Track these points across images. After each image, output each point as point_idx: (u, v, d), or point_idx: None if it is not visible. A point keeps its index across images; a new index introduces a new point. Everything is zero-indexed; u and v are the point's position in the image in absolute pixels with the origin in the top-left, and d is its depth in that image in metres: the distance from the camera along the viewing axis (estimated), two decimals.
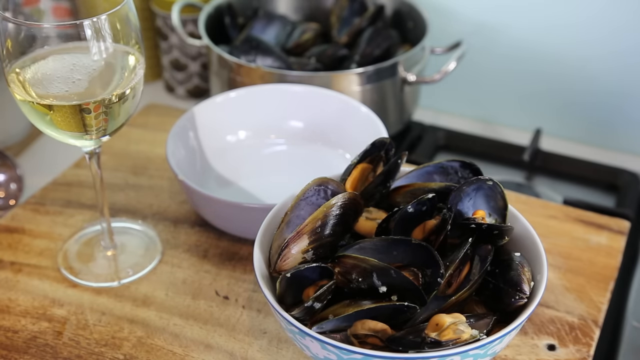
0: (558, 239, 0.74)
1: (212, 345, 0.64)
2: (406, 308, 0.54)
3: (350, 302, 0.56)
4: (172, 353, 0.63)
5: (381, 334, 0.53)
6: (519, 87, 1.00)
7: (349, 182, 0.62)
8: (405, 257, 0.57)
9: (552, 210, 0.77)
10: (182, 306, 0.67)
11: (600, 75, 0.94)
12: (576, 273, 0.70)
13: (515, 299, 0.55)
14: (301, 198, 0.60)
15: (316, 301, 0.54)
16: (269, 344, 0.64)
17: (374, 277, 0.55)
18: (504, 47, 0.98)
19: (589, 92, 0.96)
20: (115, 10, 0.59)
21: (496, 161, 0.95)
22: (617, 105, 0.95)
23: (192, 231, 0.75)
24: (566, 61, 0.95)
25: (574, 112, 0.98)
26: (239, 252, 0.73)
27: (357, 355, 0.51)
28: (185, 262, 0.72)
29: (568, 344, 0.63)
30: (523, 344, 0.63)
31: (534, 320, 0.65)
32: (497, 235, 0.58)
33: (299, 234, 0.57)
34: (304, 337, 0.53)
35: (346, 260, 0.56)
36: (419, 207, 0.58)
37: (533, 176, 0.93)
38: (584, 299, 0.67)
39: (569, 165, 0.93)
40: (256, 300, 0.67)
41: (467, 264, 0.56)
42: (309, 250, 0.57)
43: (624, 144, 0.97)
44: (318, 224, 0.57)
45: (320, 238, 0.57)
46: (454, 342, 0.52)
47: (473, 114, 1.04)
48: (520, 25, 0.96)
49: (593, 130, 0.98)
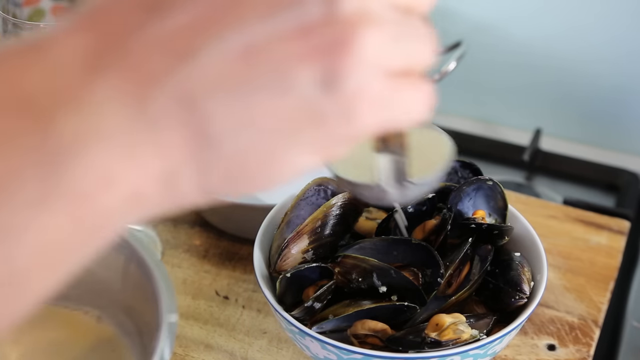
0: (558, 239, 0.74)
1: (212, 345, 0.64)
2: (406, 308, 0.54)
3: (350, 302, 0.56)
4: (172, 353, 0.63)
5: (381, 334, 0.53)
6: (518, 87, 1.00)
7: None
8: (405, 257, 0.57)
9: (552, 210, 0.77)
10: (182, 306, 0.67)
11: (601, 76, 0.94)
12: (576, 273, 0.70)
13: (515, 299, 0.55)
14: (301, 198, 0.60)
15: (316, 301, 0.54)
16: (269, 344, 0.64)
17: (374, 277, 0.55)
18: (503, 46, 0.98)
19: (589, 92, 0.96)
20: None
21: (496, 161, 0.95)
22: (617, 105, 0.95)
23: (192, 231, 0.75)
24: (566, 61, 0.95)
25: (574, 112, 0.98)
26: (239, 252, 0.72)
27: (357, 355, 0.51)
28: (185, 262, 0.72)
29: (568, 344, 0.63)
30: (523, 344, 0.63)
31: (534, 320, 0.65)
32: (497, 235, 0.58)
33: (299, 234, 0.57)
34: (304, 337, 0.53)
35: (346, 260, 0.56)
36: (419, 207, 0.58)
37: (533, 176, 0.93)
38: (584, 299, 0.67)
39: (569, 165, 0.93)
40: (256, 300, 0.67)
41: (467, 264, 0.56)
42: (309, 250, 0.57)
43: (624, 144, 0.97)
44: (318, 224, 0.57)
45: (320, 238, 0.57)
46: (454, 342, 0.52)
47: (473, 114, 1.04)
48: (520, 25, 0.96)
49: (593, 130, 0.98)
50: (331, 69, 0.28)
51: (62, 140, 0.27)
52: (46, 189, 0.27)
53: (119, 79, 0.27)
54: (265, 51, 0.27)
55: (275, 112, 0.28)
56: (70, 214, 0.27)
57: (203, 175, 0.29)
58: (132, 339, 0.58)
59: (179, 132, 0.28)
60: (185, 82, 0.27)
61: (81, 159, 0.27)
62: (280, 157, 0.29)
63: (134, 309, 0.57)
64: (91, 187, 0.27)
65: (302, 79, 0.28)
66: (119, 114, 0.27)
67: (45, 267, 0.29)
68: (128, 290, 0.56)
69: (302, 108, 0.28)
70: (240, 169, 0.29)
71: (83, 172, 0.27)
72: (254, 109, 0.28)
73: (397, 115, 0.30)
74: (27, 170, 0.27)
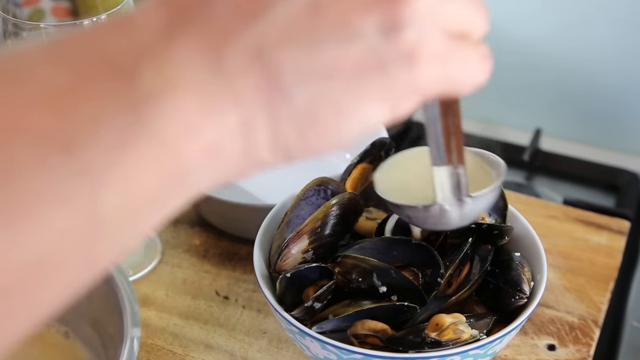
0: (558, 239, 0.74)
1: (212, 345, 0.64)
2: (406, 308, 0.54)
3: (350, 302, 0.56)
4: (172, 353, 0.63)
5: (381, 334, 0.53)
6: (518, 87, 1.00)
7: (348, 182, 0.62)
8: (405, 257, 0.57)
9: (552, 210, 0.77)
10: (182, 306, 0.67)
11: (601, 75, 0.94)
12: (576, 273, 0.70)
13: (515, 299, 0.55)
14: (301, 198, 0.60)
15: (316, 301, 0.54)
16: (269, 344, 0.64)
17: (374, 277, 0.55)
18: (503, 46, 0.98)
19: (589, 92, 0.96)
20: (115, 10, 0.59)
21: None
22: (618, 105, 0.95)
23: (192, 231, 0.75)
24: (566, 61, 0.95)
25: (574, 112, 0.98)
26: (239, 252, 0.73)
27: (357, 355, 0.51)
28: (185, 262, 0.72)
29: (568, 344, 0.63)
30: (523, 344, 0.63)
31: (534, 320, 0.65)
32: (497, 235, 0.58)
33: (299, 234, 0.57)
34: (304, 337, 0.53)
35: (346, 260, 0.56)
36: None
37: (533, 176, 0.93)
38: (584, 299, 0.67)
39: (569, 165, 0.93)
40: (256, 300, 0.67)
41: (467, 264, 0.56)
42: (309, 250, 0.57)
43: (624, 144, 0.97)
44: (318, 224, 0.57)
45: (320, 238, 0.57)
46: (454, 342, 0.52)
47: (473, 113, 1.04)
48: (520, 25, 0.96)
49: (593, 130, 0.98)
50: (391, 17, 0.30)
51: (144, 90, 0.28)
52: (129, 134, 0.28)
53: (197, 39, 0.29)
54: (330, 5, 0.30)
55: (341, 61, 0.30)
56: (153, 160, 0.28)
57: (276, 127, 0.30)
58: (97, 354, 0.58)
59: (252, 83, 0.29)
60: (257, 37, 0.29)
61: (162, 107, 0.28)
62: (348, 105, 0.30)
63: (100, 322, 0.58)
64: (173, 135, 0.28)
65: (365, 28, 0.30)
66: (198, 68, 0.29)
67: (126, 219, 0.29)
68: (94, 303, 0.56)
69: (366, 56, 0.30)
70: (310, 119, 0.30)
71: (166, 120, 0.28)
72: (321, 58, 0.30)
73: (456, 74, 0.32)
74: (110, 113, 0.27)
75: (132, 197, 0.28)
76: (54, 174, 0.26)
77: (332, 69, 0.30)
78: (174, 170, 0.29)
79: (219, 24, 0.29)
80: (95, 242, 0.28)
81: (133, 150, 0.28)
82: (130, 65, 0.28)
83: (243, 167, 0.31)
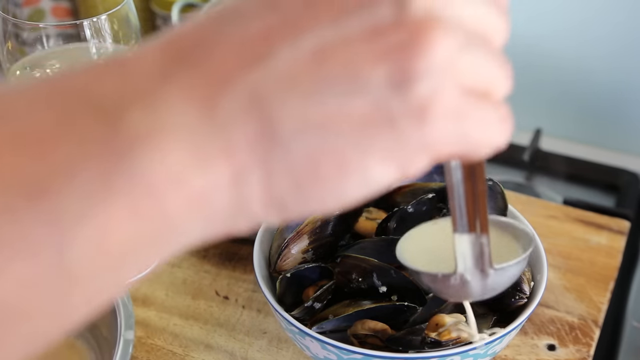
0: (558, 239, 0.74)
1: (212, 345, 0.64)
2: (406, 308, 0.54)
3: (350, 302, 0.56)
4: (172, 353, 0.63)
5: (381, 334, 0.53)
6: (518, 87, 0.99)
7: None
8: None
9: (552, 210, 0.77)
10: (182, 306, 0.67)
11: (601, 75, 0.94)
12: (576, 273, 0.70)
13: (515, 299, 0.55)
14: None
15: (316, 301, 0.54)
16: (269, 344, 0.64)
17: (374, 277, 0.55)
18: (503, 46, 0.98)
19: (589, 92, 0.96)
20: (115, 10, 0.59)
21: (496, 161, 0.95)
22: (617, 105, 0.95)
23: None
24: (566, 61, 0.95)
25: (574, 112, 0.98)
26: (239, 252, 0.73)
27: (357, 355, 0.51)
28: (185, 262, 0.72)
29: (568, 344, 0.63)
30: (523, 344, 0.63)
31: (534, 320, 0.65)
32: None
33: (299, 234, 0.57)
34: (304, 337, 0.53)
35: (346, 260, 0.56)
36: (419, 207, 0.58)
37: (533, 176, 0.93)
38: (584, 299, 0.67)
39: (569, 165, 0.93)
40: (256, 300, 0.67)
41: None
42: (309, 250, 0.57)
43: (624, 144, 0.97)
44: (318, 224, 0.57)
45: (320, 238, 0.57)
46: (454, 342, 0.52)
47: None
48: (519, 25, 0.96)
49: (593, 130, 0.98)
50: (402, 69, 0.27)
51: (129, 135, 0.26)
52: (109, 182, 0.26)
53: (190, 83, 0.27)
54: (336, 53, 0.27)
55: (345, 113, 0.27)
56: (133, 210, 0.26)
57: (271, 180, 0.28)
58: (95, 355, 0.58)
59: (247, 132, 0.27)
60: (255, 84, 0.27)
61: (147, 153, 0.26)
62: (351, 161, 0.28)
63: (94, 324, 0.57)
64: (157, 183, 0.26)
65: (373, 80, 0.27)
66: (189, 114, 0.27)
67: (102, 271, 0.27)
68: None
69: (373, 110, 0.27)
70: (309, 174, 0.28)
71: (149, 167, 0.26)
72: (324, 109, 0.27)
73: (472, 134, 0.29)
74: (89, 158, 0.26)
75: (108, 250, 0.26)
76: (19, 221, 0.25)
77: (336, 120, 0.27)
78: (156, 222, 0.27)
79: (216, 69, 0.27)
80: (68, 293, 0.27)
81: (112, 200, 0.26)
82: (116, 108, 0.26)
83: (233, 221, 0.29)
